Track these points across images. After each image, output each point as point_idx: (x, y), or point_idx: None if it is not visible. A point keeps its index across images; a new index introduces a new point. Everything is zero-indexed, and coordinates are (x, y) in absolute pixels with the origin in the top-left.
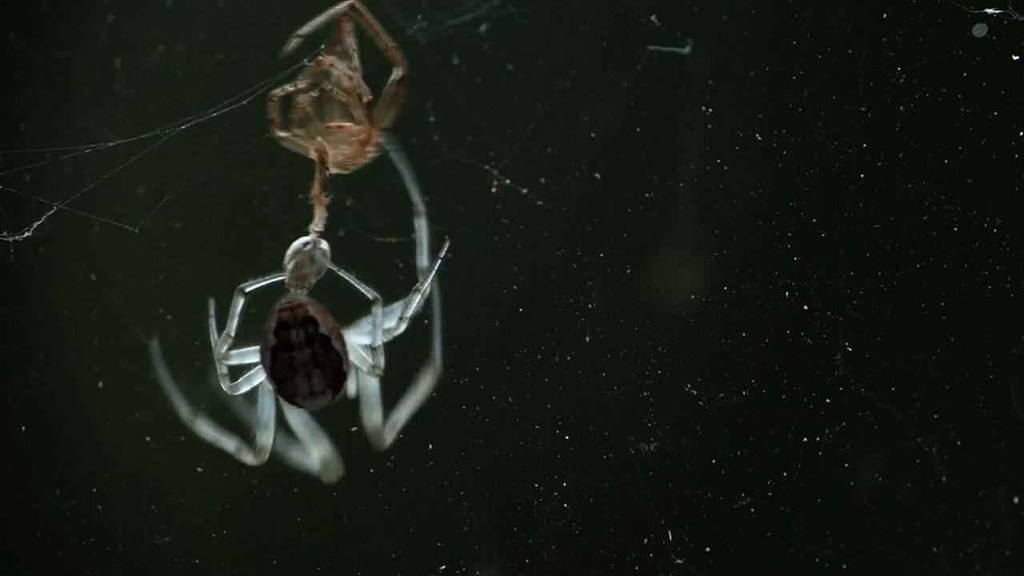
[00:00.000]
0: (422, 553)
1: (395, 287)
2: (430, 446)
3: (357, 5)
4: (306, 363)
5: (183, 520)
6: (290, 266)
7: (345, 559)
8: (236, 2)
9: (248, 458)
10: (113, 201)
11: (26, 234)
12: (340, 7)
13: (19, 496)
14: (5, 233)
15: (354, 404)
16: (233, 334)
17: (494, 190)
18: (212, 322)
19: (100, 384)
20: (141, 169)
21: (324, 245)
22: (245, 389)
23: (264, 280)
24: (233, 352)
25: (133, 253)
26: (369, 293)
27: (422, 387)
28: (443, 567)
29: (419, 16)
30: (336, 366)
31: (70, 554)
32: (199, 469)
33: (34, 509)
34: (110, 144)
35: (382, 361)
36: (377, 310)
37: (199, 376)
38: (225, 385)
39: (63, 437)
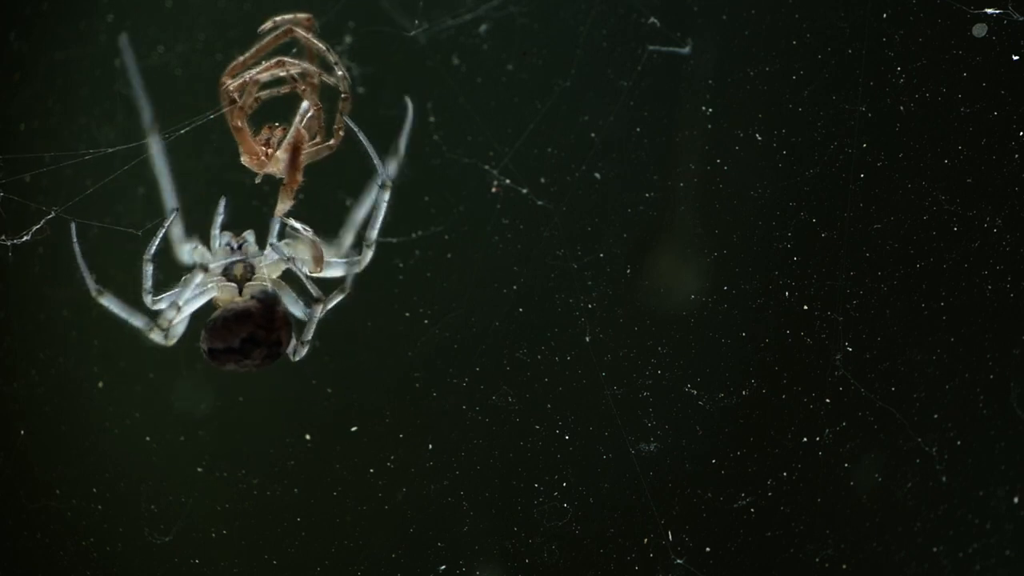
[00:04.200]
0: (422, 553)
1: (395, 287)
2: (430, 446)
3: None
4: (250, 366)
5: (183, 520)
6: (310, 258)
7: (345, 559)
8: (236, 2)
9: (157, 338)
10: (113, 201)
11: (24, 238)
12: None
13: (19, 496)
14: (3, 237)
15: (346, 409)
16: (181, 305)
17: (494, 190)
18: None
19: (100, 384)
20: (141, 169)
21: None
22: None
23: (227, 260)
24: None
25: (133, 253)
26: (314, 291)
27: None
28: (443, 567)
29: (417, 20)
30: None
31: (70, 554)
32: (199, 469)
33: (34, 509)
34: (110, 150)
35: (305, 351)
36: (317, 311)
37: (199, 376)
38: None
39: (63, 437)
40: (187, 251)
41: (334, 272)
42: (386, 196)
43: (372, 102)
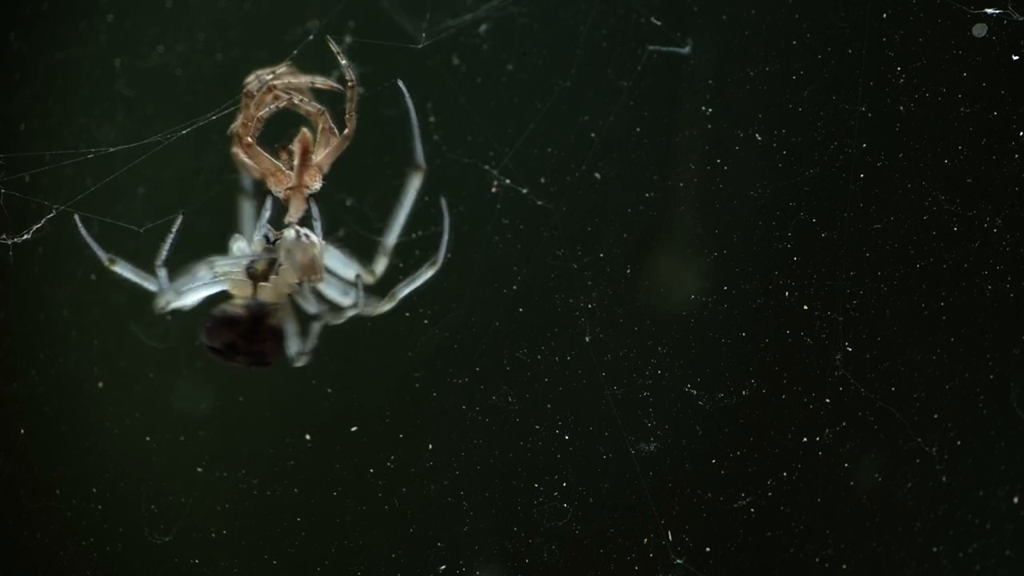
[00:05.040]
0: (422, 553)
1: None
2: (430, 446)
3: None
4: (240, 366)
5: (183, 520)
6: (298, 262)
7: (345, 559)
8: (236, 2)
9: (171, 299)
10: (114, 200)
11: (25, 237)
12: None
13: (19, 496)
14: (4, 236)
15: (346, 409)
16: (186, 303)
17: (494, 190)
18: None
19: (100, 384)
20: (141, 169)
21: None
22: (188, 301)
23: (234, 259)
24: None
25: (133, 253)
26: (314, 307)
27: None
28: (443, 567)
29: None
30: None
31: (70, 554)
32: (199, 469)
33: (34, 509)
34: (111, 150)
35: (306, 360)
36: (317, 326)
37: (199, 376)
38: (162, 298)
39: (63, 437)
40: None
41: (333, 295)
42: (416, 183)
43: (372, 102)
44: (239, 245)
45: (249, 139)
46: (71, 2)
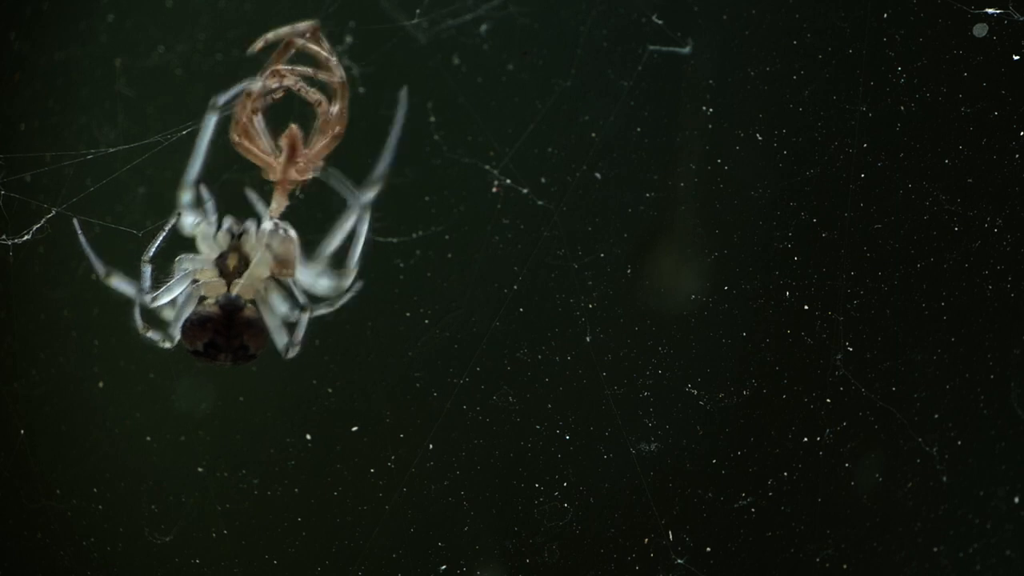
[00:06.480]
0: (422, 553)
1: (395, 287)
2: (430, 446)
3: (319, 30)
4: (224, 363)
5: (183, 520)
6: (271, 254)
7: (345, 559)
8: (236, 2)
9: (156, 337)
10: (114, 201)
11: (25, 237)
12: (303, 25)
13: (19, 496)
14: (4, 236)
15: (346, 410)
16: (175, 308)
17: (494, 190)
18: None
19: (100, 384)
20: (141, 169)
21: (292, 232)
22: (165, 300)
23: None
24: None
25: (133, 253)
26: (301, 298)
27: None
28: (443, 567)
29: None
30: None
31: (70, 554)
32: (199, 469)
33: (34, 509)
34: (111, 150)
35: (296, 351)
36: (304, 317)
37: (199, 376)
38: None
39: (63, 437)
40: (190, 223)
41: (309, 282)
42: (366, 219)
43: (372, 102)
44: (206, 243)
45: (251, 113)
46: (71, 2)
